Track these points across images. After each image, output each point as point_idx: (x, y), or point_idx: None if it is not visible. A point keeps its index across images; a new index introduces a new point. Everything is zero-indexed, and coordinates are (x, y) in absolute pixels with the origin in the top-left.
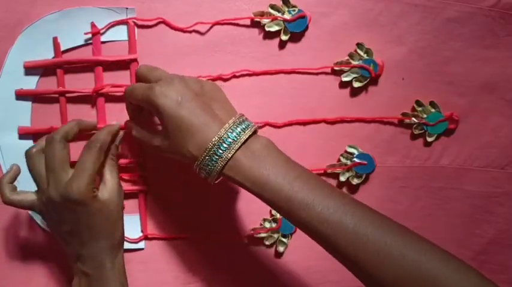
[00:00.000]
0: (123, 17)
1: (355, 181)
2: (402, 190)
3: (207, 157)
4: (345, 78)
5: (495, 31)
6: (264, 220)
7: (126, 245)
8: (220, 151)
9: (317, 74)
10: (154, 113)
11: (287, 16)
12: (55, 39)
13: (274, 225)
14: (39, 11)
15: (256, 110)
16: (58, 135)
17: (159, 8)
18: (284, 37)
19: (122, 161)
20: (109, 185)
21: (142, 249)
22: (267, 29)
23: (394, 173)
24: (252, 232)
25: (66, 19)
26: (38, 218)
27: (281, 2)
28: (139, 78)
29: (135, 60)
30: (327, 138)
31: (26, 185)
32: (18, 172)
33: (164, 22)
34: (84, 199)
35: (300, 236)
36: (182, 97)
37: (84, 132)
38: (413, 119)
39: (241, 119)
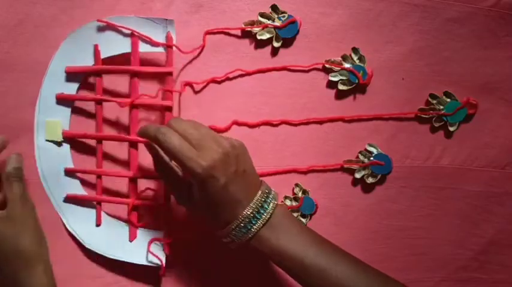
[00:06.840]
0: (162, 27)
1: (370, 180)
2: (402, 190)
3: (236, 229)
4: (332, 78)
5: (495, 31)
6: (285, 197)
7: (142, 261)
8: (249, 226)
9: (308, 70)
10: (191, 179)
11: (277, 23)
12: (96, 47)
13: (295, 204)
14: (40, 11)
15: (256, 110)
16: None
17: (159, 8)
18: (276, 44)
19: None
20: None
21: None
22: (258, 37)
23: (394, 173)
24: None
25: (107, 27)
26: (65, 219)
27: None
28: (177, 130)
29: (170, 73)
30: (326, 138)
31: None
32: None
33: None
34: None
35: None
36: (227, 181)
37: None
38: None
39: (264, 194)
